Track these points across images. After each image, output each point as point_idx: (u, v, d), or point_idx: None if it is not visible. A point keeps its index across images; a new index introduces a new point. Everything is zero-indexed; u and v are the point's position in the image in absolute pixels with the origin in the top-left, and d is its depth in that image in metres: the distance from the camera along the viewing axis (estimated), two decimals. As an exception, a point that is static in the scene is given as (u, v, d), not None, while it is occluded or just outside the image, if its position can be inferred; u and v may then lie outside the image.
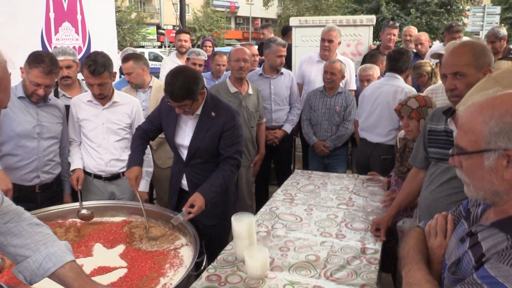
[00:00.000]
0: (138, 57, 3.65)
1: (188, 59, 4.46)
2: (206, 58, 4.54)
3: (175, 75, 2.33)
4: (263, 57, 4.39)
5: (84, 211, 2.50)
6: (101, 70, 2.69)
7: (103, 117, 2.88)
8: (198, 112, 2.51)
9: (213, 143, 2.53)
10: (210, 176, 2.47)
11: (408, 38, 5.84)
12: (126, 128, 2.95)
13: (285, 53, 4.13)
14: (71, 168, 2.85)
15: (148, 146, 3.04)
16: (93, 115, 2.87)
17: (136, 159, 2.55)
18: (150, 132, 2.69)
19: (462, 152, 1.17)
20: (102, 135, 2.88)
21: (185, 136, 2.57)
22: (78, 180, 2.77)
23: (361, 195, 2.91)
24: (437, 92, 3.14)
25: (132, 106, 2.97)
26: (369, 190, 2.97)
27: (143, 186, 2.98)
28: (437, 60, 3.41)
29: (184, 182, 2.66)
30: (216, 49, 14.43)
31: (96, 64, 2.67)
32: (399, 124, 3.46)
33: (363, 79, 4.18)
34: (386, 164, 3.58)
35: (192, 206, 2.30)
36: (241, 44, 5.13)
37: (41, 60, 2.54)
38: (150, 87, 3.65)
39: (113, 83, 2.97)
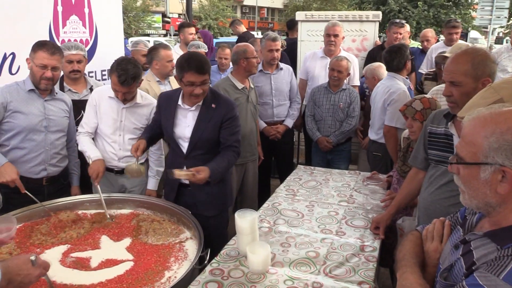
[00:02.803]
0: (168, 47, 3.85)
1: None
2: (206, 50, 4.56)
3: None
4: None
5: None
6: (131, 82, 2.72)
7: (123, 115, 2.91)
8: (200, 103, 2.58)
9: (214, 133, 2.61)
10: (215, 158, 2.54)
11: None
12: (142, 129, 2.98)
13: (277, 47, 4.11)
14: (92, 158, 2.75)
15: (162, 146, 3.12)
16: (114, 111, 2.90)
17: (144, 136, 2.71)
18: (154, 127, 2.77)
19: (460, 162, 1.22)
20: (119, 132, 2.92)
21: (185, 127, 2.62)
22: (98, 174, 2.71)
23: (362, 193, 2.96)
24: (442, 93, 3.17)
25: (151, 108, 3.01)
26: (369, 188, 3.03)
27: (153, 184, 3.05)
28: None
29: None
30: (219, 40, 14.41)
31: (127, 75, 2.67)
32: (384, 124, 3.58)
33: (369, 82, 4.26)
34: (376, 160, 3.79)
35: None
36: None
37: (44, 44, 2.69)
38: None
39: None
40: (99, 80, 3.98)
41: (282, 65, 4.28)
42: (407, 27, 6.20)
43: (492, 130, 1.14)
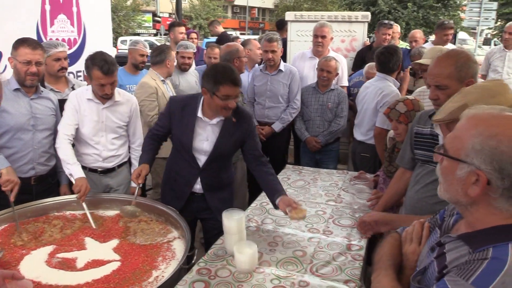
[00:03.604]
0: None
1: (177, 52, 4.47)
2: (195, 50, 4.55)
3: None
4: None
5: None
6: (114, 69, 2.71)
7: (103, 116, 2.88)
8: (221, 117, 2.48)
9: (234, 148, 2.60)
10: (271, 178, 2.50)
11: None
12: (123, 126, 2.98)
13: (272, 48, 4.13)
14: (74, 177, 2.61)
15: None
16: (94, 113, 2.86)
17: (145, 158, 2.59)
18: (160, 135, 2.68)
19: (442, 153, 1.21)
20: (101, 133, 2.90)
21: (203, 141, 2.53)
22: (83, 191, 2.55)
23: (349, 192, 2.99)
24: (424, 94, 3.21)
25: (131, 105, 3.00)
26: (356, 187, 3.05)
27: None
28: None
29: (198, 186, 2.63)
30: (210, 39, 14.36)
31: (107, 63, 2.66)
32: (374, 126, 3.60)
33: (370, 77, 4.24)
34: (364, 161, 3.80)
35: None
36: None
37: (24, 40, 2.69)
38: None
39: None
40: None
41: (285, 67, 4.28)
42: (398, 28, 6.27)
43: (481, 132, 1.11)
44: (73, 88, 3.29)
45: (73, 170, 2.65)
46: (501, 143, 1.06)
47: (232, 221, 2.10)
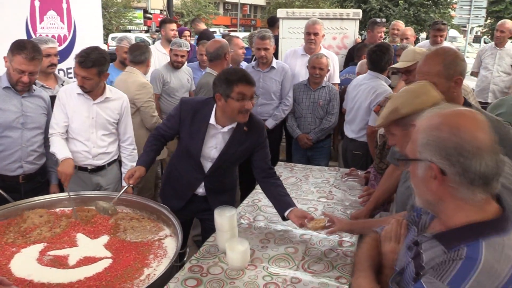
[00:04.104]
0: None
1: (171, 49, 4.46)
2: (189, 49, 4.52)
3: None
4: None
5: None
6: (89, 65, 2.67)
7: (93, 112, 2.86)
8: (234, 125, 2.43)
9: (242, 157, 2.54)
10: (279, 190, 2.44)
11: (396, 32, 5.93)
12: (114, 123, 2.96)
13: (264, 46, 4.11)
14: (60, 158, 2.67)
15: (134, 140, 3.09)
16: (83, 109, 2.84)
17: (143, 159, 2.51)
18: (167, 136, 2.62)
19: (399, 158, 1.23)
20: (91, 129, 2.87)
21: (211, 148, 2.49)
22: (66, 177, 2.61)
23: (341, 189, 3.00)
24: None
25: (122, 102, 2.98)
26: (347, 184, 3.07)
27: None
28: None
29: (201, 190, 2.61)
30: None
31: (87, 57, 2.66)
32: (367, 124, 3.62)
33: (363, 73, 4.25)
34: (356, 159, 3.81)
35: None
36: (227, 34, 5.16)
37: (23, 47, 2.58)
38: None
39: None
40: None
41: (277, 64, 4.28)
42: (403, 27, 6.30)
43: (424, 127, 1.14)
44: (62, 85, 3.26)
45: (59, 152, 2.70)
46: (441, 132, 1.09)
47: (224, 218, 2.11)
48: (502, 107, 2.45)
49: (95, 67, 2.70)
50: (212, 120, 2.41)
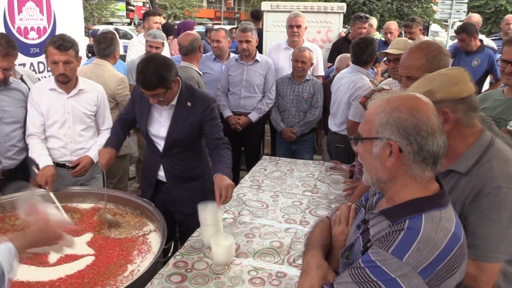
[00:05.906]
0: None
1: (146, 41, 4.36)
2: (164, 41, 4.40)
3: (146, 62, 2.29)
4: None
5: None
6: (68, 46, 2.61)
7: (69, 106, 2.78)
8: (174, 102, 2.48)
9: (191, 133, 2.54)
10: (217, 158, 2.42)
11: (389, 36, 5.92)
12: (91, 116, 2.90)
13: (245, 38, 4.11)
14: (41, 166, 2.60)
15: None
16: (58, 104, 2.76)
17: (110, 141, 2.59)
18: (128, 121, 2.69)
19: (357, 137, 1.30)
20: (68, 125, 2.80)
21: (160, 127, 2.53)
22: (47, 181, 2.52)
23: (325, 182, 3.01)
24: (390, 85, 3.24)
25: (97, 93, 2.91)
26: (331, 178, 3.08)
27: (93, 153, 2.88)
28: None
29: (162, 173, 2.63)
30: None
31: (63, 40, 2.61)
32: (347, 118, 3.63)
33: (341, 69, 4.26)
34: (339, 152, 3.84)
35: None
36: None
37: None
38: None
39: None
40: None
41: (261, 57, 4.27)
42: (375, 21, 6.34)
43: (383, 109, 1.22)
44: (21, 79, 3.10)
45: (39, 160, 2.64)
46: (402, 113, 1.18)
47: (208, 212, 2.09)
48: (486, 102, 2.46)
49: (73, 48, 2.65)
50: None
